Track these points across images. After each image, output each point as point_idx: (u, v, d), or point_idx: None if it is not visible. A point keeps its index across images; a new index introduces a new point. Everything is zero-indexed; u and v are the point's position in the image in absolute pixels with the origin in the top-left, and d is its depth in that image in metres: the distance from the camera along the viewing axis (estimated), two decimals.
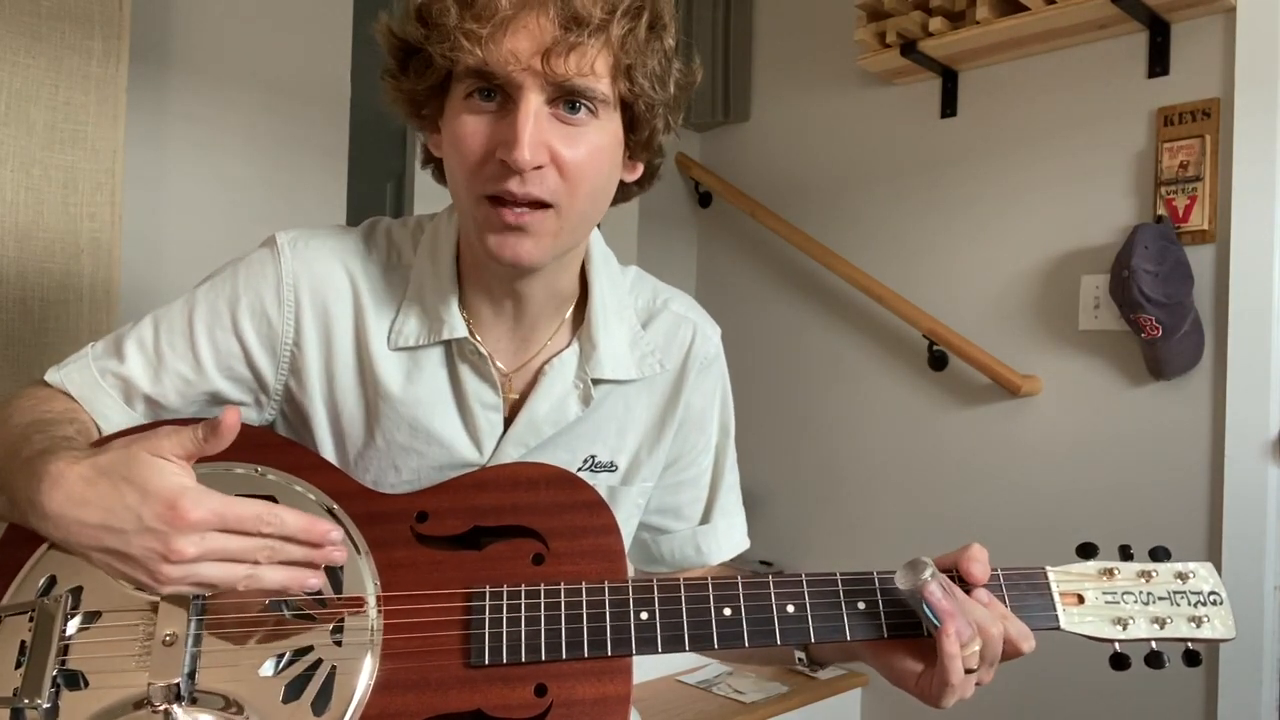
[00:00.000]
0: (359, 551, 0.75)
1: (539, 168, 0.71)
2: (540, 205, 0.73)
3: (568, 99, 0.72)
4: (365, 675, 0.70)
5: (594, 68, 0.71)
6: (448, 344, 0.84)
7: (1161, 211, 1.89)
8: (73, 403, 0.81)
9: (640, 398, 0.90)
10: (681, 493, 0.96)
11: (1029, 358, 2.10)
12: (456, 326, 0.82)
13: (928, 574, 0.70)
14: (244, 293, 0.83)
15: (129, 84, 1.52)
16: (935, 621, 0.70)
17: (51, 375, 0.83)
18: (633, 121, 0.77)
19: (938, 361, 2.22)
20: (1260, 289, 1.77)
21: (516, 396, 0.86)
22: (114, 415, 0.82)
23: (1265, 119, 1.76)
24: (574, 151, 0.72)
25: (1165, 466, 1.89)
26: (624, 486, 0.91)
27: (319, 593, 0.72)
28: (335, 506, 0.76)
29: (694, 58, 0.81)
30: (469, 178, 0.74)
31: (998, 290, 2.16)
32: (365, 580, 0.74)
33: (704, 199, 2.83)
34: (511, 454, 0.84)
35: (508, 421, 0.85)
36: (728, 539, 0.98)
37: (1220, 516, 1.80)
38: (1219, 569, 1.80)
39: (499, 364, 0.85)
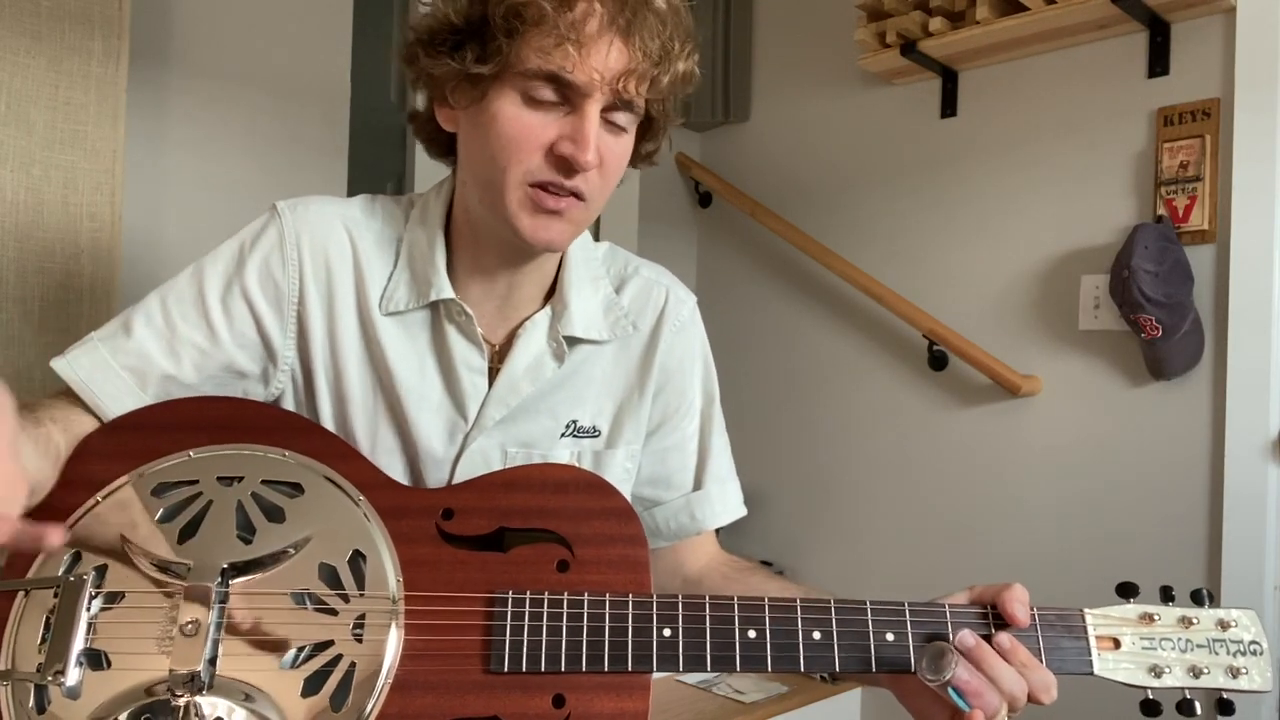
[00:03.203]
0: (384, 545, 0.75)
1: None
2: (578, 197, 0.80)
3: (617, 115, 0.80)
4: (384, 674, 0.70)
5: (648, 90, 0.80)
6: (435, 308, 0.87)
7: (1161, 211, 1.89)
8: (60, 407, 0.80)
9: (618, 360, 0.94)
10: (669, 460, 0.97)
11: (1029, 358, 2.10)
12: (444, 289, 0.86)
13: (953, 663, 0.70)
14: (250, 257, 0.86)
15: (129, 84, 1.52)
16: (964, 706, 0.70)
17: (57, 362, 0.82)
18: (647, 132, 0.86)
19: (938, 361, 2.22)
20: (1260, 289, 1.77)
21: (498, 366, 0.89)
22: (127, 399, 0.82)
23: (1265, 119, 1.76)
24: (613, 154, 0.81)
25: (1165, 466, 1.89)
26: (609, 450, 0.93)
27: (341, 587, 0.72)
28: (362, 498, 0.77)
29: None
30: (515, 164, 0.78)
31: (998, 290, 2.16)
32: (388, 576, 0.74)
33: (704, 199, 2.83)
34: (494, 415, 0.87)
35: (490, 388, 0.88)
36: (722, 504, 0.99)
37: (1220, 516, 1.80)
38: (1219, 569, 1.81)
39: (482, 336, 0.88)
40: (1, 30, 1.38)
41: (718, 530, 1.01)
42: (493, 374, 0.88)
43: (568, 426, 0.91)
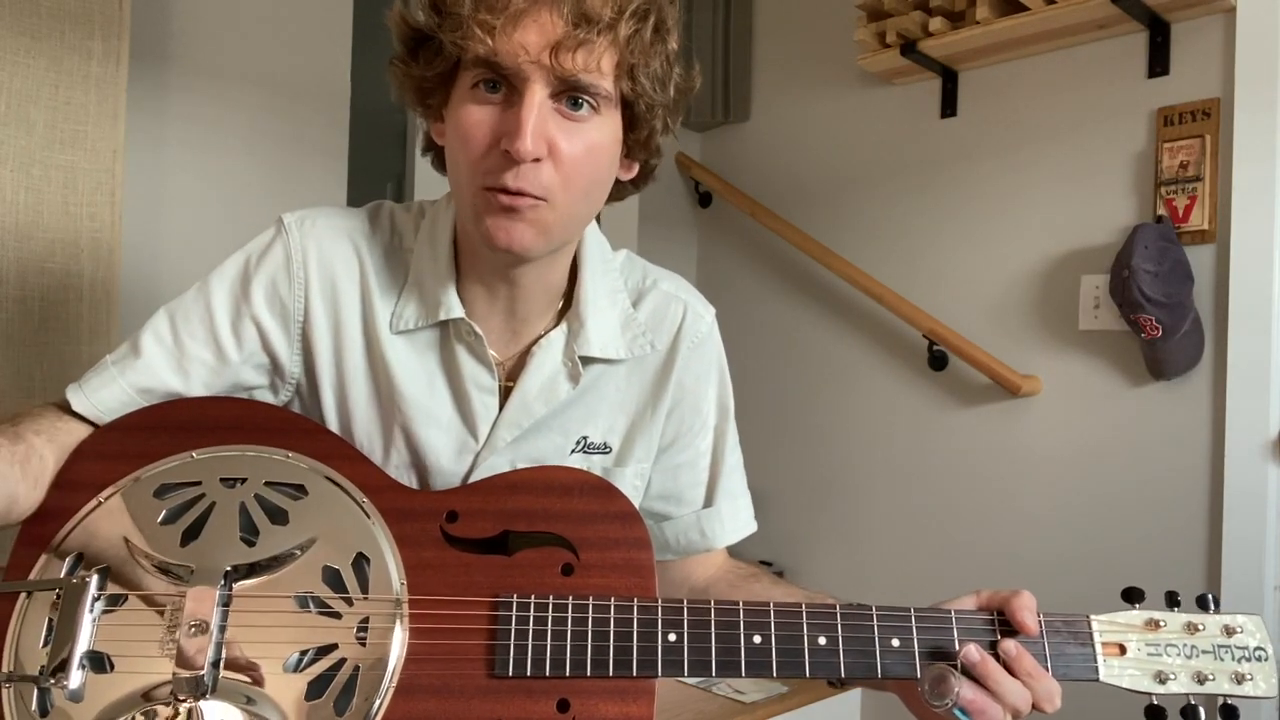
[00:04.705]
0: (388, 548, 0.75)
1: (537, 160, 0.73)
2: (532, 195, 0.74)
3: (571, 94, 0.73)
4: (388, 677, 0.70)
5: (600, 65, 0.73)
6: (444, 327, 0.85)
7: (1161, 211, 1.89)
8: (48, 419, 0.80)
9: (632, 378, 0.91)
10: (681, 476, 0.95)
11: (1029, 358, 2.10)
12: (453, 308, 0.83)
13: (955, 687, 0.70)
14: (256, 274, 0.85)
15: (129, 84, 1.52)
16: None
17: (71, 390, 0.82)
18: (633, 120, 0.79)
19: (938, 361, 2.22)
20: (1260, 289, 1.77)
21: (510, 384, 0.87)
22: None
23: (1265, 119, 1.77)
24: (572, 146, 0.74)
25: (1165, 466, 1.89)
26: (618, 468, 0.91)
27: (345, 590, 0.72)
28: (366, 500, 0.76)
29: (694, 64, 0.83)
30: (471, 168, 0.75)
31: (998, 290, 2.16)
32: (393, 580, 0.73)
33: (704, 199, 2.83)
34: (505, 436, 0.85)
35: (501, 407, 0.86)
36: (732, 522, 0.98)
37: (1220, 516, 1.80)
38: (1219, 569, 1.81)
39: (492, 352, 0.86)
40: (1, 30, 1.38)
41: None
42: (504, 391, 0.86)
43: (578, 442, 0.89)
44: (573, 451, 0.89)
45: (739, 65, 2.70)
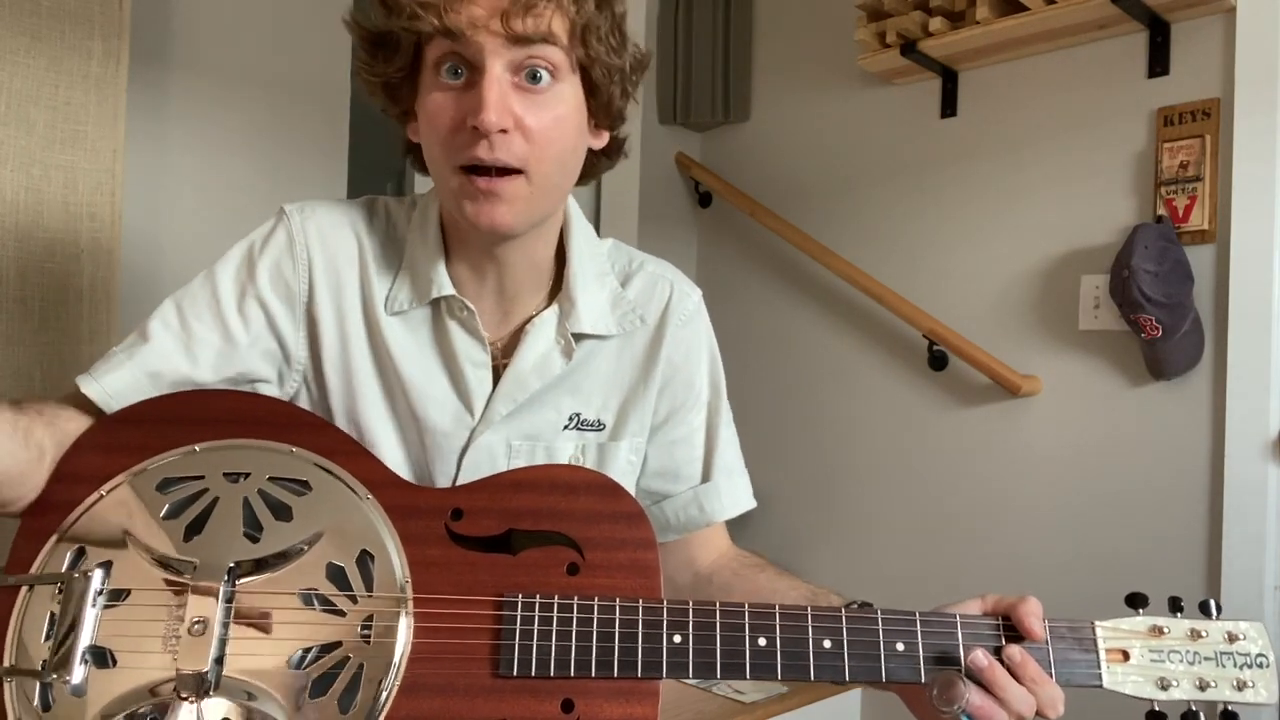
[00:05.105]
0: (392, 545, 0.74)
1: (504, 131, 0.75)
2: (510, 171, 0.77)
3: (529, 65, 0.76)
4: (392, 676, 0.70)
5: (551, 28, 0.75)
6: (436, 305, 0.87)
7: (1161, 211, 1.89)
8: (51, 407, 0.80)
9: (623, 354, 0.93)
10: (676, 452, 0.97)
11: (1029, 358, 2.10)
12: (444, 285, 0.86)
13: (964, 693, 0.70)
14: (260, 258, 0.86)
15: (129, 84, 1.52)
16: None
17: (83, 380, 0.82)
18: (592, 87, 0.81)
19: (938, 361, 2.22)
20: (1260, 289, 1.77)
21: (504, 361, 0.89)
22: (135, 398, 0.81)
23: (1265, 119, 1.77)
24: (538, 118, 0.76)
25: (1165, 466, 1.89)
26: (613, 443, 0.93)
27: (349, 588, 0.72)
28: (370, 497, 0.76)
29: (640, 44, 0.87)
30: (443, 150, 0.78)
31: (998, 290, 2.17)
32: (397, 577, 0.73)
33: (704, 199, 2.83)
34: (501, 410, 0.87)
35: (495, 383, 0.88)
36: (730, 497, 0.99)
37: (1220, 516, 1.80)
38: (1219, 569, 1.81)
39: (484, 331, 0.88)
40: (1, 30, 1.38)
41: (728, 524, 1.01)
42: (498, 371, 0.88)
43: (571, 419, 0.90)
44: (566, 428, 0.90)
45: (739, 65, 2.70)
